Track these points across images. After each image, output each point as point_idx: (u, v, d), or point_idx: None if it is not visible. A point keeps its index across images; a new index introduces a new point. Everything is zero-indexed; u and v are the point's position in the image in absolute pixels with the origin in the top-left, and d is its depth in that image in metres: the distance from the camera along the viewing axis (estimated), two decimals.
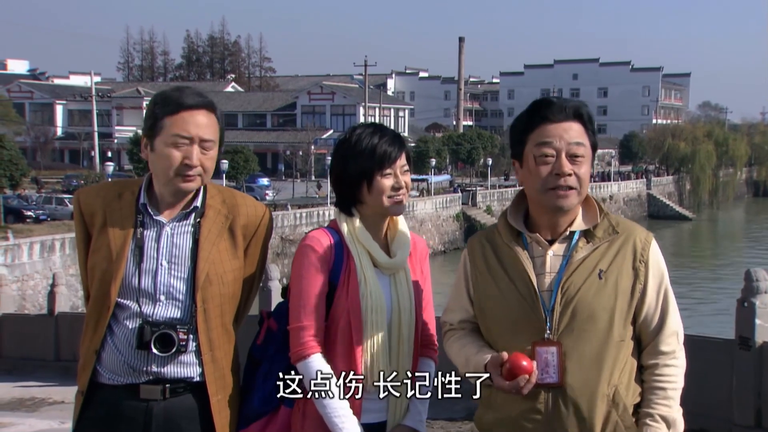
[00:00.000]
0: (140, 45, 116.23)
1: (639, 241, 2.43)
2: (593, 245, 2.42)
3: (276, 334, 2.68)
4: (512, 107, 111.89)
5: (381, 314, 2.62)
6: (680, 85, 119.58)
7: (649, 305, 2.42)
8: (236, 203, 2.70)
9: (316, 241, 2.64)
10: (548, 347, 2.36)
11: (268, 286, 9.27)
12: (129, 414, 2.57)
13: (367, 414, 2.62)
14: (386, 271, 2.68)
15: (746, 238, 56.68)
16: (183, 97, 2.58)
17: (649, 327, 2.43)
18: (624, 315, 2.39)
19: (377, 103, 69.10)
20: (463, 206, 48.78)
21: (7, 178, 31.13)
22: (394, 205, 2.66)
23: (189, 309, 2.58)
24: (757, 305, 6.96)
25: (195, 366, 2.60)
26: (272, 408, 2.63)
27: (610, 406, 2.37)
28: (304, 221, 37.09)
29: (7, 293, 15.44)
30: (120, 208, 2.62)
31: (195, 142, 2.57)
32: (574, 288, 2.38)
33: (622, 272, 2.40)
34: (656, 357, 2.43)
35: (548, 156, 2.38)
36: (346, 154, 2.66)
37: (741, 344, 7.05)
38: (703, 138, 71.69)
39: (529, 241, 2.47)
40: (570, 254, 2.41)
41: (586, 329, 2.36)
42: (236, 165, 43.75)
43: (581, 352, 2.36)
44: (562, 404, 2.37)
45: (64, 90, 76.65)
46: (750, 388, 6.99)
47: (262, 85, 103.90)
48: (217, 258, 2.61)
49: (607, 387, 2.37)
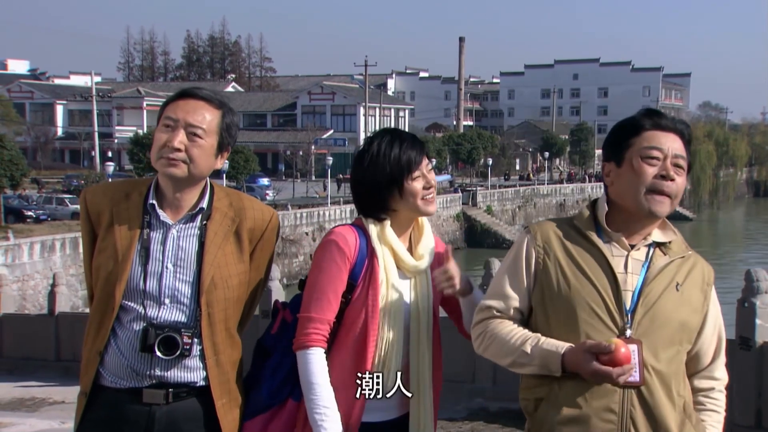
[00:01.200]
0: (141, 45, 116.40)
1: (705, 266, 2.53)
2: (669, 258, 2.48)
3: (290, 326, 2.67)
4: (512, 107, 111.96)
5: (398, 316, 2.64)
6: (680, 85, 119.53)
7: (707, 329, 2.50)
8: (243, 206, 2.67)
9: (342, 237, 2.64)
10: (631, 345, 2.33)
11: (268, 286, 9.27)
12: (131, 418, 2.55)
13: (372, 413, 2.63)
14: (409, 273, 2.70)
15: (746, 238, 56.68)
16: (189, 89, 2.62)
17: (706, 352, 2.51)
18: (693, 331, 2.46)
19: (377, 103, 69.10)
20: (464, 206, 48.77)
21: (7, 178, 31.10)
22: (426, 205, 2.69)
23: (194, 313, 2.56)
24: (757, 305, 6.97)
25: (198, 370, 2.58)
26: (280, 400, 2.63)
27: (683, 415, 2.40)
28: (305, 221, 37.09)
29: (7, 293, 15.42)
30: (127, 208, 2.59)
31: (180, 126, 2.55)
32: (655, 294, 2.41)
33: (694, 289, 2.47)
34: (712, 381, 2.53)
35: (656, 158, 2.43)
36: (371, 165, 2.67)
37: (741, 344, 7.05)
38: (704, 138, 71.63)
39: (607, 240, 2.47)
40: (650, 261, 2.46)
41: (661, 336, 2.39)
42: (236, 165, 43.72)
43: (656, 357, 2.37)
44: (639, 404, 2.35)
45: (64, 90, 76.67)
46: (750, 388, 6.99)
47: (262, 85, 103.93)
48: (222, 261, 2.59)
49: (677, 397, 2.40)
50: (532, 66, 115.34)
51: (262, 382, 2.66)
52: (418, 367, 2.68)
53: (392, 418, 2.69)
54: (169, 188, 2.61)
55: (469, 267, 39.06)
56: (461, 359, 8.12)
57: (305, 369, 2.55)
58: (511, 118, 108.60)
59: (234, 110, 2.74)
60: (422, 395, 2.68)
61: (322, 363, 2.56)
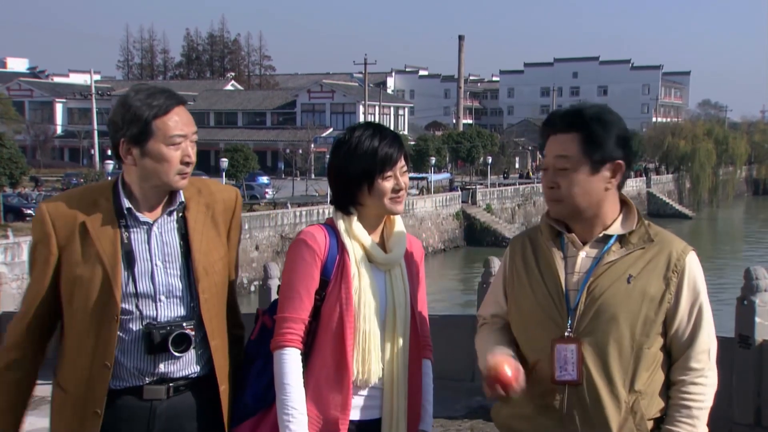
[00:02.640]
0: (140, 43, 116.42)
1: (675, 252, 2.43)
2: (627, 250, 2.44)
3: (271, 331, 2.67)
4: (512, 105, 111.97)
5: (373, 308, 2.63)
6: (680, 84, 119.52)
7: (680, 318, 2.41)
8: (211, 191, 2.71)
9: (310, 236, 2.65)
10: (568, 345, 2.38)
11: (267, 284, 9.27)
12: (132, 415, 2.54)
13: (359, 410, 2.63)
14: (382, 266, 2.70)
15: (746, 236, 56.69)
16: (166, 97, 2.55)
17: (679, 341, 2.42)
18: (649, 323, 2.38)
19: (377, 102, 69.09)
20: (463, 204, 48.72)
21: (6, 177, 31.12)
22: (394, 204, 2.68)
23: (190, 304, 2.58)
24: (756, 303, 6.95)
25: (195, 362, 2.60)
26: (265, 405, 2.63)
27: (627, 413, 2.37)
28: (304, 219, 37.09)
29: (7, 291, 15.38)
30: (101, 215, 2.55)
31: (188, 139, 2.57)
32: (600, 290, 2.39)
33: (652, 279, 2.40)
34: (684, 373, 2.41)
35: (546, 169, 2.49)
36: (346, 155, 2.66)
37: (741, 342, 7.04)
38: (703, 136, 71.61)
39: (566, 241, 2.49)
40: (601, 256, 2.44)
41: (607, 331, 2.37)
42: (236, 163, 43.73)
43: (601, 354, 2.37)
44: (578, 403, 2.38)
45: (63, 88, 76.62)
46: (750, 386, 6.98)
47: (261, 83, 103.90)
48: (206, 248, 2.62)
49: (627, 394, 2.36)
50: (532, 64, 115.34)
51: (247, 387, 2.67)
52: (393, 360, 2.66)
53: (377, 417, 2.68)
54: (151, 192, 2.59)
55: (469, 266, 39.11)
56: (461, 358, 8.11)
57: (278, 369, 2.57)
58: (511, 116, 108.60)
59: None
60: (395, 389, 2.66)
61: (295, 363, 2.56)
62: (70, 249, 2.53)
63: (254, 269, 32.33)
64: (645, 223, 2.49)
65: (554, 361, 2.39)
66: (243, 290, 32.30)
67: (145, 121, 2.50)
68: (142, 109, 2.51)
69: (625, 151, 2.45)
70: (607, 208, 2.47)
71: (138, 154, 2.53)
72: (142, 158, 2.53)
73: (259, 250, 34.11)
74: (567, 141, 2.43)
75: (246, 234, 33.50)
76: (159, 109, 2.52)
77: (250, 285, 32.49)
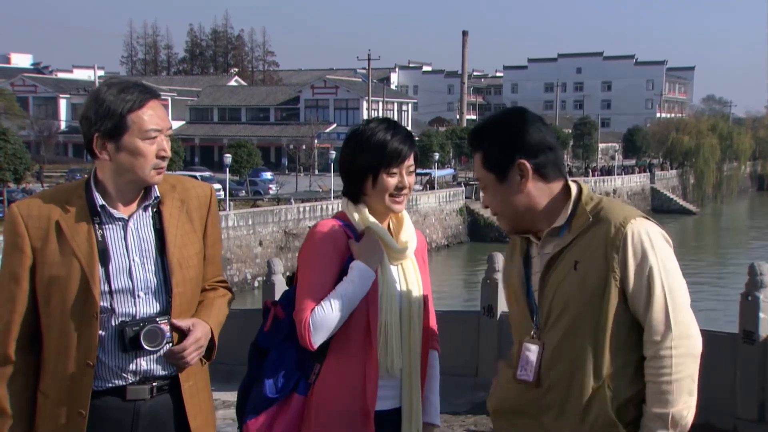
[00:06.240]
0: (143, 39, 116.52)
1: (612, 228, 2.27)
2: (572, 235, 2.34)
3: (283, 322, 2.69)
4: (516, 101, 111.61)
5: (393, 300, 2.66)
6: (684, 79, 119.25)
7: (634, 293, 2.27)
8: (186, 187, 2.69)
9: (327, 229, 2.66)
10: (531, 345, 2.40)
11: (271, 279, 9.27)
12: (115, 417, 2.52)
13: (381, 401, 2.65)
14: (394, 260, 2.70)
15: (750, 232, 56.60)
16: (140, 91, 2.52)
17: (641, 316, 2.28)
18: (601, 306, 2.27)
19: (380, 97, 69.00)
20: (467, 200, 48.69)
21: (11, 172, 31.14)
22: (393, 204, 2.68)
23: (165, 298, 2.55)
24: (761, 299, 6.95)
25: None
26: (284, 395, 2.64)
27: (592, 400, 2.30)
28: (308, 215, 37.11)
29: None
30: (75, 214, 2.51)
31: (163, 133, 2.55)
32: (553, 285, 2.36)
33: (593, 262, 2.29)
34: (647, 348, 2.27)
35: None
36: (357, 146, 2.68)
37: (745, 338, 7.04)
38: (707, 132, 71.51)
39: (532, 241, 2.49)
40: (552, 251, 2.40)
41: (563, 323, 2.33)
42: (240, 159, 43.72)
43: (562, 348, 2.34)
44: (543, 399, 2.38)
45: (67, 84, 76.68)
46: (754, 381, 6.99)
47: (265, 79, 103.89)
48: (181, 242, 2.60)
49: (594, 381, 2.30)
50: (536, 60, 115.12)
51: (264, 378, 2.66)
52: (410, 352, 2.70)
53: (395, 407, 2.71)
54: (127, 188, 2.57)
55: (472, 261, 39.10)
56: (464, 353, 8.13)
57: (320, 314, 2.56)
58: None
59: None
60: (413, 380, 2.71)
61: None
62: (45, 249, 2.49)
63: (258, 265, 32.35)
64: (585, 203, 2.36)
65: (517, 360, 2.43)
66: (247, 286, 32.34)
67: (119, 116, 2.47)
68: (116, 103, 2.47)
69: (525, 147, 2.36)
70: (545, 205, 2.38)
71: (113, 149, 2.49)
72: (117, 153, 2.49)
73: (262, 245, 34.13)
74: (476, 161, 2.46)
75: (250, 230, 33.52)
76: (133, 103, 2.48)
77: (253, 281, 32.53)
